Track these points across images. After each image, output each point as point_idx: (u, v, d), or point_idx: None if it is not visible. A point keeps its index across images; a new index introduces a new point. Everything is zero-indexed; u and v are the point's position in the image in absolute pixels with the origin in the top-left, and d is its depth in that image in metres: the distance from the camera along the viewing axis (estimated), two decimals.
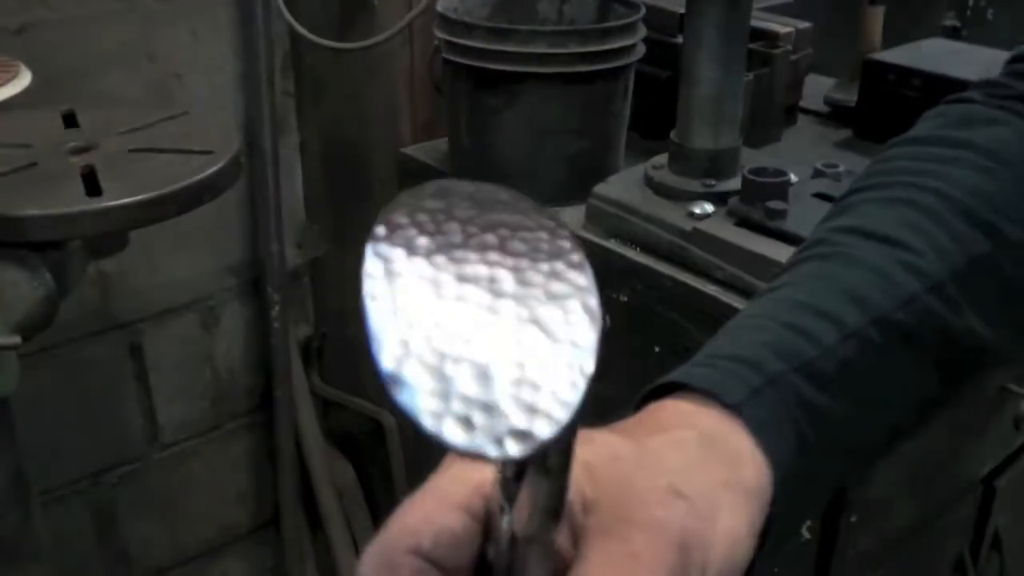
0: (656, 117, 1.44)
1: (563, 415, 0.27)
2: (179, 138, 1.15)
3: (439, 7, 1.28)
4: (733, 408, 0.42)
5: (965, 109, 0.60)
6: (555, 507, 0.31)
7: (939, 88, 1.40)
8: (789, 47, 1.45)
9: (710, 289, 1.10)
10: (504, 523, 0.32)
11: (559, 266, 0.30)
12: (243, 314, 1.72)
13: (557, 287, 0.30)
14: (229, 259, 1.67)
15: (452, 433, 0.26)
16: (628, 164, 1.34)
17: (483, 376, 0.27)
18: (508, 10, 1.37)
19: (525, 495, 0.31)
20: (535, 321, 0.29)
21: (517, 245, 0.30)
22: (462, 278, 0.29)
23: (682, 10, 1.42)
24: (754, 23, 1.34)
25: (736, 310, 1.11)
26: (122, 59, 1.46)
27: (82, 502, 1.65)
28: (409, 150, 1.48)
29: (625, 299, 1.20)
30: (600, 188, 1.23)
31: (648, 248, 1.17)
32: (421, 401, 0.27)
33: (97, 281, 1.52)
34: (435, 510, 0.35)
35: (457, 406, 0.27)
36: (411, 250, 0.30)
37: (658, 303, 1.16)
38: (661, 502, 0.35)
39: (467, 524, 0.34)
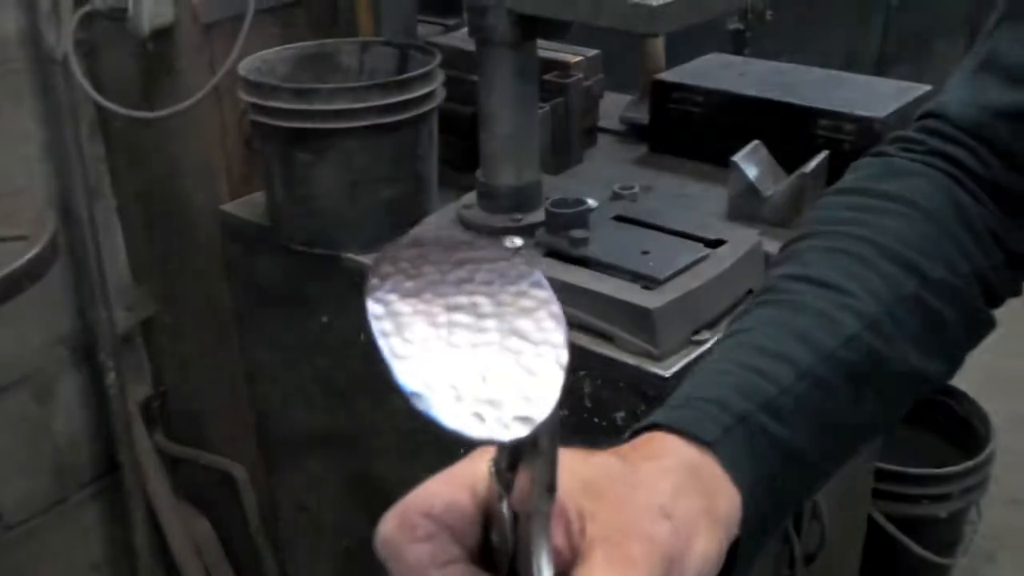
0: (464, 151, 1.51)
1: (552, 397, 0.34)
2: None
3: (241, 69, 1.32)
4: (708, 445, 0.49)
5: (887, 163, 0.68)
6: (551, 481, 0.37)
7: (720, 102, 1.53)
8: (581, 75, 1.55)
9: None
10: (504, 508, 0.38)
11: (523, 286, 0.37)
12: (78, 383, 1.70)
13: (525, 303, 0.37)
14: (57, 330, 1.65)
15: (470, 427, 0.33)
16: (444, 198, 1.40)
17: (484, 379, 0.34)
18: (310, 65, 1.42)
19: (523, 476, 0.37)
20: (515, 331, 0.36)
21: (485, 275, 0.38)
22: (449, 307, 0.36)
23: None
24: (544, 54, 1.42)
25: None
26: None
27: None
28: (228, 206, 1.50)
29: None
30: (416, 231, 1.29)
31: None
32: (442, 407, 0.33)
33: None
34: (446, 485, 0.41)
35: (470, 405, 0.34)
36: (402, 292, 0.36)
37: None
38: (654, 520, 0.42)
39: (471, 502, 0.41)
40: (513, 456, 0.37)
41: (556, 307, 0.37)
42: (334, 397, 1.50)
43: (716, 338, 1.14)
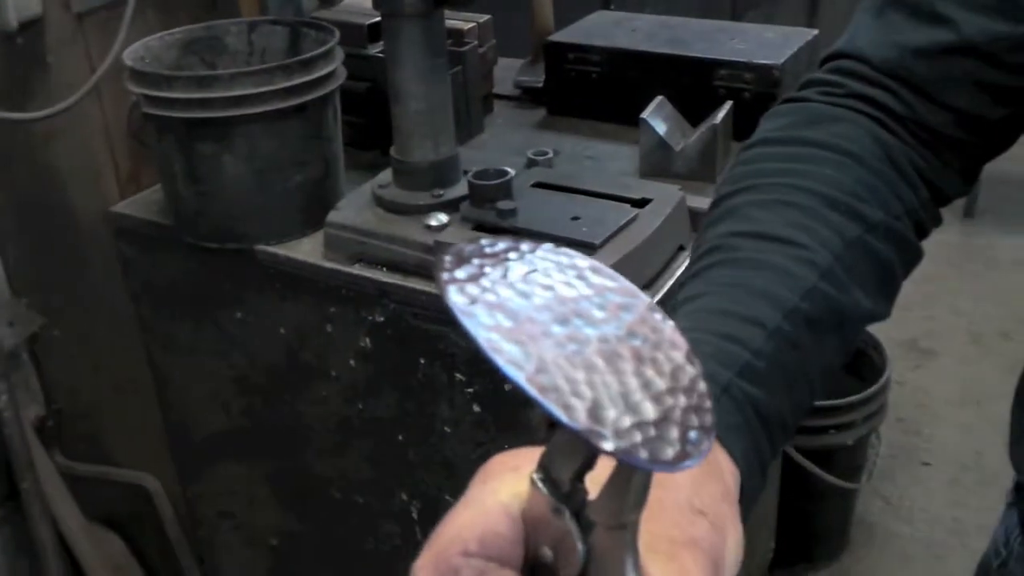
0: (362, 128, 1.47)
1: (708, 402, 0.32)
2: None
3: (126, 59, 1.23)
4: None
5: (808, 109, 0.67)
6: (648, 488, 0.34)
7: (616, 61, 1.53)
8: (475, 42, 1.51)
9: None
10: (565, 521, 0.35)
11: (594, 278, 0.34)
12: None
13: (613, 298, 0.34)
14: None
15: (679, 458, 0.30)
16: (350, 179, 1.35)
17: (652, 400, 0.31)
18: (197, 49, 1.34)
19: (617, 487, 0.34)
20: (633, 335, 0.33)
21: (558, 276, 0.34)
22: (559, 320, 0.32)
23: (368, 21, 1.46)
24: None
25: None
26: None
27: None
28: (119, 207, 1.41)
29: (381, 319, 1.22)
30: (334, 216, 1.24)
31: (394, 267, 1.20)
32: (627, 440, 0.30)
33: None
34: (476, 515, 0.38)
35: (657, 434, 0.30)
36: (505, 329, 0.31)
37: (414, 318, 1.19)
38: (692, 522, 0.41)
39: (509, 524, 0.37)
40: (585, 466, 0.35)
41: (645, 297, 0.35)
42: (252, 395, 1.44)
43: (656, 299, 1.15)
